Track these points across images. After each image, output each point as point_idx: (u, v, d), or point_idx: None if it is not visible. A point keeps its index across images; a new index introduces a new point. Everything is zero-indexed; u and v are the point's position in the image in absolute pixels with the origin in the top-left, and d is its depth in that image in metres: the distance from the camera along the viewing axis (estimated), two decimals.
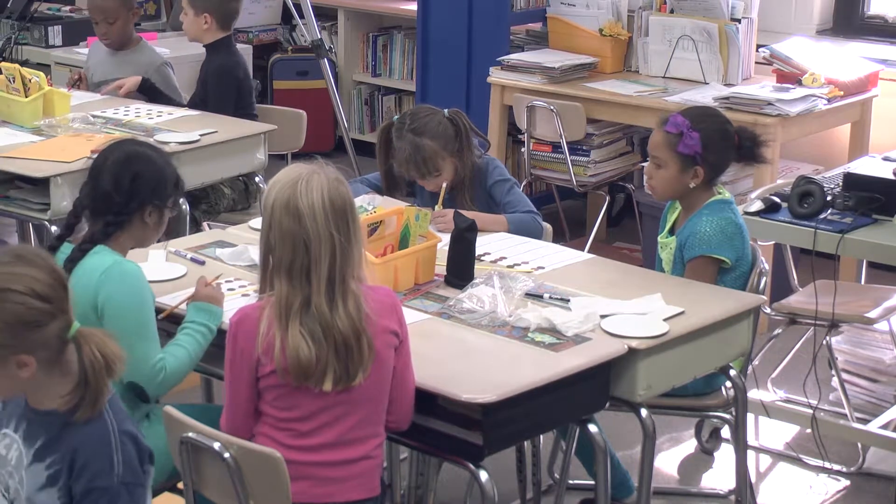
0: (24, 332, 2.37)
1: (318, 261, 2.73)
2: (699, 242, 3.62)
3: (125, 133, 4.71)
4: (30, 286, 2.37)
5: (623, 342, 3.06)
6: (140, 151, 3.24)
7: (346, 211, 2.77)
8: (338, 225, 2.74)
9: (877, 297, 4.31)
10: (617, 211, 6.57)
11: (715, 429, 4.33)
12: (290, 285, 2.75)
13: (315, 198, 2.73)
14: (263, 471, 2.76)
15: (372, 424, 2.85)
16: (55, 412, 2.45)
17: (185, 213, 4.66)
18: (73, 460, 2.42)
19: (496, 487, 2.88)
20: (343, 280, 2.75)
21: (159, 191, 3.18)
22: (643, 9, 5.96)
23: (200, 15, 5.14)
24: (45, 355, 2.40)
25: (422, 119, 3.94)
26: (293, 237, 2.73)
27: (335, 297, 2.74)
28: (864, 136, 5.64)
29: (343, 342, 2.74)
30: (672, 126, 3.69)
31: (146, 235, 3.22)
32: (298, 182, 2.75)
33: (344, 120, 6.71)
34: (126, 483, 2.43)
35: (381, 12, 7.59)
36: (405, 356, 2.86)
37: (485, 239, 3.71)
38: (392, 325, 2.82)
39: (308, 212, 2.72)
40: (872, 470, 4.20)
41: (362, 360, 2.76)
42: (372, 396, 2.82)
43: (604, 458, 3.13)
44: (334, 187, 2.76)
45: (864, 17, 6.16)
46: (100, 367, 2.41)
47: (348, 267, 2.76)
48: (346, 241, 2.75)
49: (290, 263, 2.74)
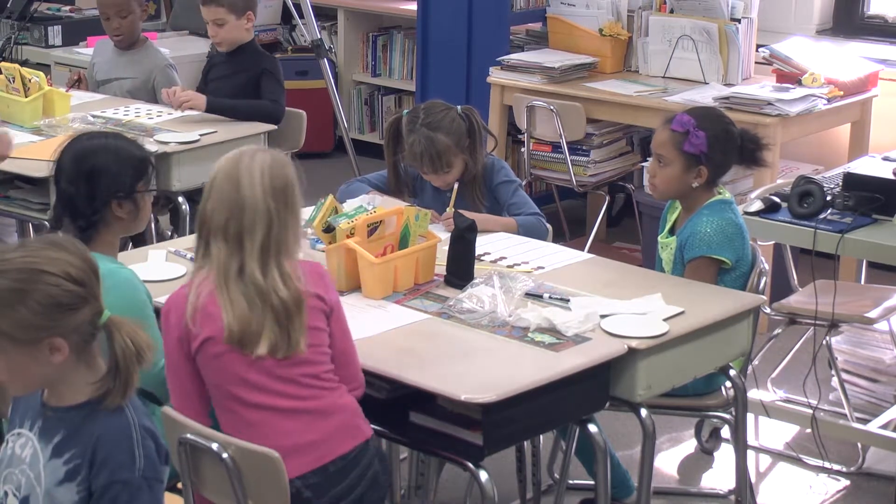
0: (59, 314, 2.38)
1: (252, 228, 2.79)
2: (699, 243, 3.62)
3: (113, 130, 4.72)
4: (64, 269, 2.39)
5: (623, 342, 3.06)
6: (89, 146, 3.18)
7: (287, 189, 2.83)
8: (276, 198, 2.80)
9: (877, 296, 4.31)
10: (617, 211, 6.57)
11: (715, 429, 4.33)
12: (227, 249, 2.79)
13: (255, 169, 2.81)
14: (262, 471, 2.76)
15: (320, 381, 2.86)
16: (76, 406, 2.44)
17: (185, 212, 4.66)
18: (95, 453, 2.42)
19: (496, 487, 2.88)
20: (278, 252, 2.81)
21: (119, 182, 3.12)
22: (643, 9, 5.96)
23: (243, 16, 5.08)
24: (77, 341, 2.41)
25: (437, 114, 3.94)
26: (230, 203, 2.80)
27: (269, 266, 2.79)
28: (864, 136, 5.64)
29: (283, 309, 2.78)
30: (678, 125, 3.69)
31: (128, 226, 3.19)
32: (243, 155, 2.85)
33: (344, 120, 6.71)
34: (147, 478, 2.43)
35: (380, 12, 7.59)
36: (341, 322, 2.91)
37: (484, 239, 3.71)
38: (319, 290, 2.86)
39: (247, 181, 2.80)
40: (872, 470, 4.20)
41: (302, 327, 2.80)
42: (310, 360, 2.84)
43: (604, 458, 3.13)
44: (278, 165, 2.84)
45: (863, 17, 6.16)
46: (131, 354, 2.42)
47: (283, 241, 2.82)
48: (283, 217, 2.81)
49: (226, 225, 2.79)
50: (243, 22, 5.08)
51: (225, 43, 5.12)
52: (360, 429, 2.89)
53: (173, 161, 4.61)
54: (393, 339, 3.09)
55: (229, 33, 5.08)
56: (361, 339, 3.06)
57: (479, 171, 3.98)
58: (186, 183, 4.68)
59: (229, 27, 5.06)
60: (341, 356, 2.91)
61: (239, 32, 5.09)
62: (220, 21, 5.05)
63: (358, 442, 2.87)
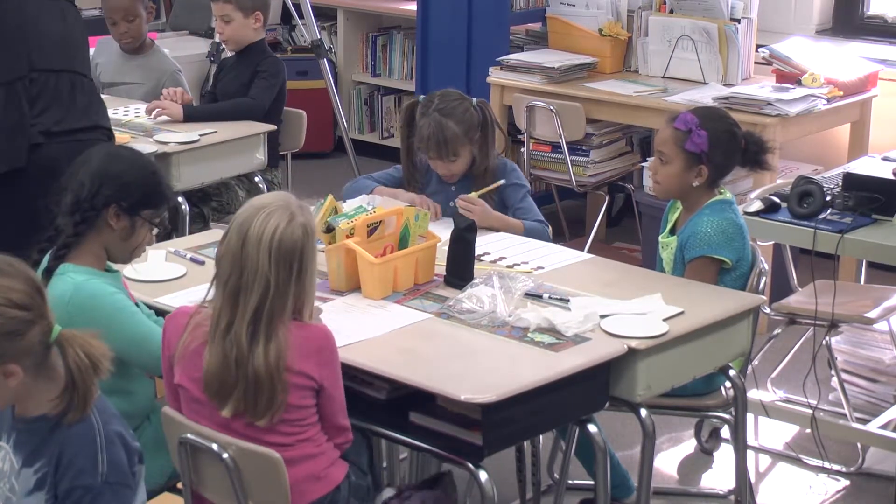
0: (6, 342, 2.36)
1: (247, 290, 2.72)
2: (700, 243, 3.62)
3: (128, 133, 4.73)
4: (5, 296, 2.36)
5: (623, 342, 3.06)
6: (125, 154, 3.17)
7: (293, 256, 2.74)
8: (279, 265, 2.72)
9: (876, 296, 4.31)
10: (616, 211, 6.57)
11: (714, 429, 4.33)
12: (223, 301, 2.75)
13: (267, 231, 2.72)
14: (262, 471, 2.76)
15: (295, 439, 2.82)
16: (44, 417, 2.45)
17: (185, 212, 4.66)
18: (59, 460, 2.42)
19: (496, 487, 2.88)
20: (270, 321, 2.72)
21: (127, 194, 3.05)
22: (643, 9, 5.96)
23: (250, 15, 5.07)
24: (30, 362, 2.40)
25: (450, 102, 3.95)
26: (233, 257, 2.74)
27: (258, 334, 2.72)
28: (864, 136, 5.64)
29: (255, 381, 2.72)
30: (681, 123, 3.69)
31: (116, 243, 3.08)
32: (260, 211, 2.75)
33: (343, 120, 6.72)
34: (110, 483, 2.43)
35: (380, 12, 7.59)
36: (332, 399, 2.82)
37: (484, 239, 3.72)
38: (307, 367, 2.77)
39: (254, 241, 2.72)
40: (872, 470, 4.20)
41: (272, 405, 2.73)
42: (281, 431, 2.79)
43: (603, 459, 3.13)
44: (291, 229, 2.74)
45: (863, 17, 6.15)
46: (86, 367, 2.40)
47: (278, 309, 2.73)
48: (283, 285, 2.72)
49: (227, 279, 2.74)
50: (251, 21, 5.07)
51: (231, 41, 5.12)
52: (330, 477, 2.87)
53: (173, 161, 4.61)
54: (393, 340, 3.09)
55: (235, 31, 5.07)
56: (361, 339, 3.06)
57: (489, 165, 3.98)
58: (186, 183, 4.68)
59: (236, 25, 5.06)
60: (331, 428, 2.86)
61: (246, 31, 5.09)
62: (226, 17, 5.06)
63: (326, 491, 2.86)
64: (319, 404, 2.82)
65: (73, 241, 3.04)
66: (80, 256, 3.06)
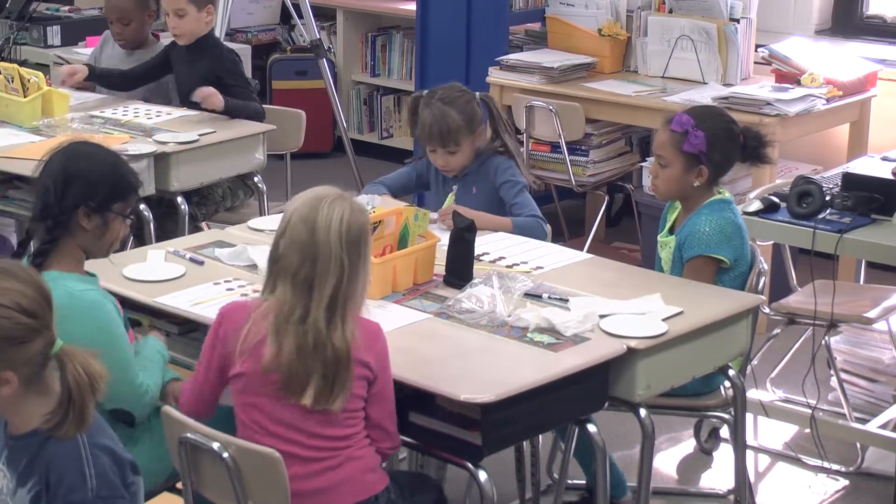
0: (8, 347, 2.34)
1: (323, 277, 2.75)
2: (698, 242, 3.62)
3: (119, 133, 4.72)
4: (16, 300, 2.34)
5: (622, 342, 3.06)
6: (83, 150, 3.09)
7: (361, 240, 2.79)
8: (350, 249, 2.76)
9: (875, 296, 4.31)
10: (616, 211, 6.57)
11: (714, 429, 4.33)
12: (294, 293, 2.76)
13: (335, 217, 2.76)
14: (262, 470, 2.76)
15: (344, 442, 2.84)
16: (34, 433, 2.42)
17: (185, 212, 4.65)
18: (48, 478, 2.39)
19: (495, 487, 2.88)
20: (344, 304, 2.77)
21: (94, 192, 2.99)
22: (642, 9, 5.96)
23: (203, 9, 5.07)
24: (27, 373, 2.37)
25: (454, 93, 3.97)
26: (303, 248, 2.76)
27: (335, 317, 2.76)
28: (863, 136, 5.64)
29: (335, 361, 2.75)
30: (677, 125, 3.69)
31: (91, 242, 3.03)
32: (322, 201, 2.78)
33: (343, 120, 6.71)
34: (103, 497, 2.40)
35: (379, 12, 7.59)
36: (382, 394, 2.86)
37: (484, 239, 3.72)
38: (367, 357, 2.81)
39: (324, 229, 2.75)
40: (871, 470, 4.20)
41: (345, 385, 2.77)
42: (340, 422, 2.82)
43: (603, 459, 3.13)
44: (355, 216, 2.79)
45: (862, 17, 6.15)
46: (84, 384, 2.38)
47: (351, 293, 2.78)
48: (354, 269, 2.77)
49: (296, 271, 2.76)
50: (203, 15, 5.06)
51: (184, 36, 5.09)
52: (371, 484, 2.87)
53: (172, 161, 4.60)
54: (392, 339, 3.08)
55: (189, 25, 5.05)
56: None
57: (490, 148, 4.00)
58: (185, 183, 4.67)
59: (189, 19, 5.04)
60: (376, 427, 2.88)
61: (198, 25, 5.07)
62: (181, 12, 5.03)
63: (365, 497, 2.85)
64: (368, 403, 2.84)
65: (50, 248, 2.99)
66: (60, 261, 3.00)
